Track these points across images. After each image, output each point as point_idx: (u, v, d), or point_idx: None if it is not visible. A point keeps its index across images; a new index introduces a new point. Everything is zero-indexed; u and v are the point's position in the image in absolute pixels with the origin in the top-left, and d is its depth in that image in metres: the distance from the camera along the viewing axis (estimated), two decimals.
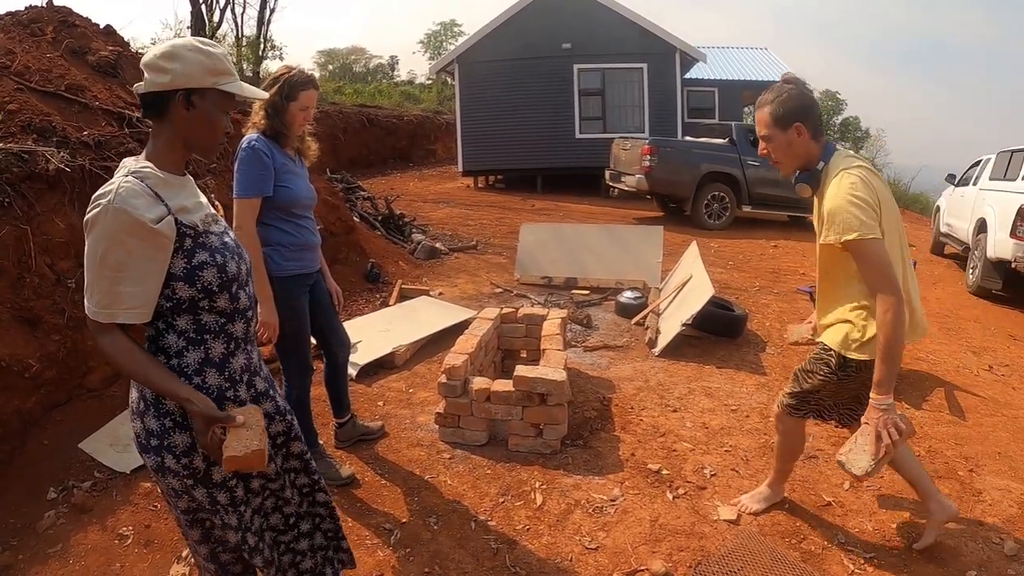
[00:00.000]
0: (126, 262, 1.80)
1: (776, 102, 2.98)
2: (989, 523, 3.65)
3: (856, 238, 2.77)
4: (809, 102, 3.01)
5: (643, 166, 13.33)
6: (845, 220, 2.79)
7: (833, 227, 2.84)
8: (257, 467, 1.93)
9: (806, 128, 2.97)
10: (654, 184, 13.50)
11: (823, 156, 3.02)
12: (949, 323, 7.91)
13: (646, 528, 3.51)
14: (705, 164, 13.55)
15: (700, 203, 13.60)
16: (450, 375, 4.27)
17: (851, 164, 2.93)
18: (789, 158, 3.05)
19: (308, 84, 3.47)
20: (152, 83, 1.90)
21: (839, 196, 2.83)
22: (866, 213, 2.79)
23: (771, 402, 5.03)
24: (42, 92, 5.35)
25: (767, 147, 3.08)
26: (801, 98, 2.98)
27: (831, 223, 2.85)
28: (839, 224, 2.81)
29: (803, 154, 3.03)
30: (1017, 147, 9.78)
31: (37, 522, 3.51)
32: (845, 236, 2.79)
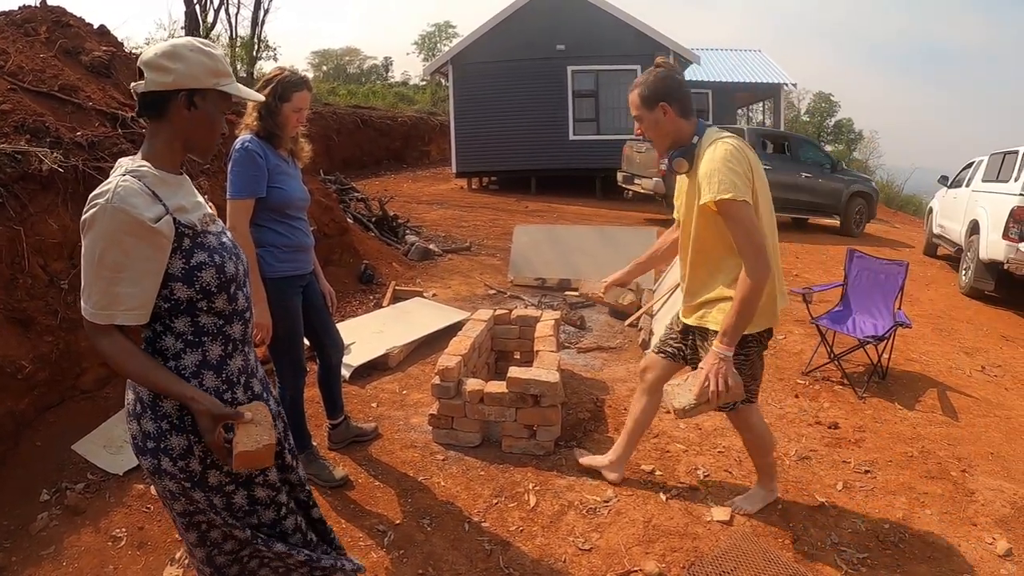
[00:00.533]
0: (124, 262, 1.79)
1: (643, 84, 3.15)
2: (982, 523, 3.67)
3: (730, 198, 2.88)
4: (674, 84, 3.14)
5: (660, 169, 13.14)
6: (721, 180, 2.91)
7: (709, 187, 2.94)
8: (267, 462, 1.92)
9: (671, 107, 3.11)
10: (671, 188, 13.09)
11: (696, 132, 3.15)
12: (942, 324, 7.94)
13: (639, 529, 3.52)
14: None
15: None
16: (443, 376, 4.27)
17: (723, 135, 3.10)
18: (659, 136, 3.20)
19: (301, 85, 3.47)
20: (154, 82, 1.88)
21: (715, 160, 2.97)
22: (740, 178, 2.93)
23: (765, 403, 5.07)
24: (35, 92, 5.33)
25: (640, 127, 3.23)
26: (667, 80, 3.12)
27: (707, 184, 2.96)
28: (715, 184, 2.92)
29: (672, 132, 3.16)
30: (1009, 149, 9.82)
31: (30, 524, 3.50)
32: (721, 195, 2.90)
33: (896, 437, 4.67)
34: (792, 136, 16.05)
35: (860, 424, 4.83)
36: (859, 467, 4.23)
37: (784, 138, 15.56)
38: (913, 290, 9.27)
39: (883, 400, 5.31)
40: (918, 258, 12.76)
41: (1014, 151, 9.57)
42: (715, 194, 2.92)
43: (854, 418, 4.94)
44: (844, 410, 5.08)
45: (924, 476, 4.16)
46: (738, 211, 2.91)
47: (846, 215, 14.78)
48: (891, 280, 5.87)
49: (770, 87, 24.41)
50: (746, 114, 30.41)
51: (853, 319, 5.98)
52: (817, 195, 14.52)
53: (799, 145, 15.31)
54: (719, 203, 2.93)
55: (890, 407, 5.19)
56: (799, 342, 6.65)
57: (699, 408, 3.03)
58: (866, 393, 5.39)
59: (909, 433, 4.74)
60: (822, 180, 14.56)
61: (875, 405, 5.21)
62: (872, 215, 15.60)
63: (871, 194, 15.39)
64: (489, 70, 19.16)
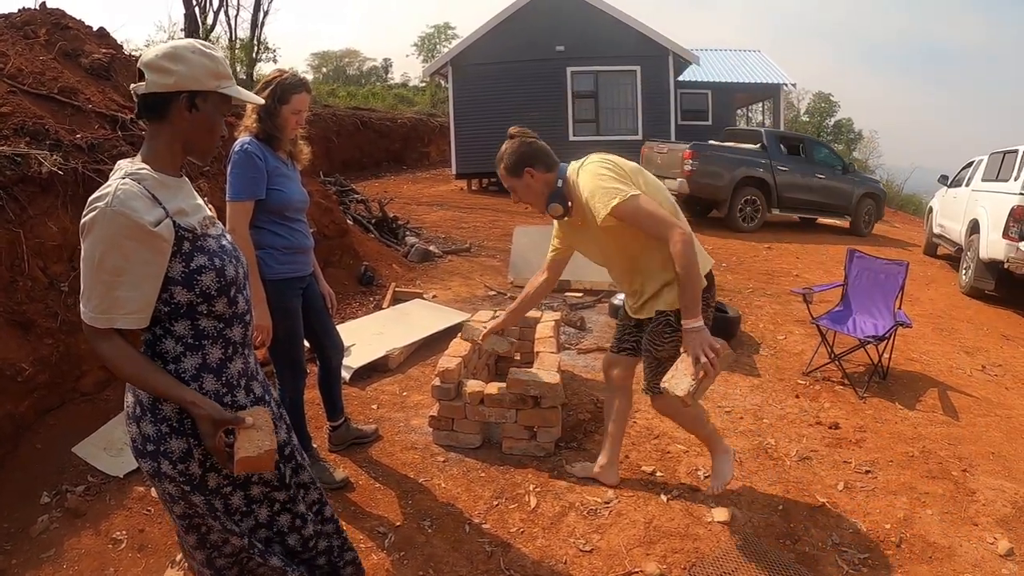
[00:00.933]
0: (124, 266, 1.78)
1: (505, 158, 3.34)
2: (983, 523, 3.66)
3: (619, 201, 3.04)
4: (531, 148, 3.33)
5: (684, 170, 13.55)
6: (603, 194, 3.09)
7: (598, 205, 3.10)
8: (268, 468, 1.92)
9: (535, 168, 3.31)
10: (695, 187, 13.69)
11: (558, 176, 3.34)
12: (942, 324, 7.94)
13: (640, 530, 3.51)
14: (741, 169, 13.89)
15: (735, 206, 13.97)
16: (444, 378, 4.26)
17: (583, 162, 3.33)
18: (534, 197, 3.39)
19: (300, 87, 3.46)
20: (155, 84, 1.87)
21: (588, 183, 3.18)
22: (617, 180, 3.12)
23: (765, 404, 5.06)
24: (35, 95, 5.33)
25: (515, 196, 3.46)
26: (523, 147, 3.32)
27: (594, 204, 3.12)
28: (600, 199, 3.10)
29: (543, 189, 3.35)
30: (1009, 148, 9.81)
31: (30, 527, 3.49)
32: (611, 203, 3.05)
33: (897, 437, 4.66)
34: (806, 138, 16.28)
35: (861, 424, 4.83)
36: (860, 467, 4.23)
37: (799, 140, 15.69)
38: (913, 290, 9.26)
39: (884, 400, 5.31)
40: (918, 258, 12.77)
41: (1014, 150, 9.57)
42: (606, 206, 3.07)
43: (855, 418, 4.93)
44: (845, 410, 5.08)
45: (925, 476, 4.16)
46: (633, 206, 3.06)
47: (856, 215, 14.99)
48: (891, 280, 5.87)
49: (770, 87, 24.36)
50: (745, 114, 30.37)
51: (853, 319, 5.97)
52: (830, 196, 14.75)
53: (812, 147, 15.52)
54: (614, 211, 3.06)
55: (891, 407, 5.19)
56: (799, 342, 6.64)
57: (703, 385, 3.08)
58: (867, 393, 5.38)
59: (910, 433, 4.74)
60: (835, 181, 14.79)
61: (876, 405, 5.20)
62: (880, 215, 15.82)
63: (879, 195, 15.58)
64: (488, 71, 19.14)
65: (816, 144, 16.08)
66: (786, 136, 16.19)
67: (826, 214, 15.19)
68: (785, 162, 14.37)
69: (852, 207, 14.89)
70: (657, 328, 3.37)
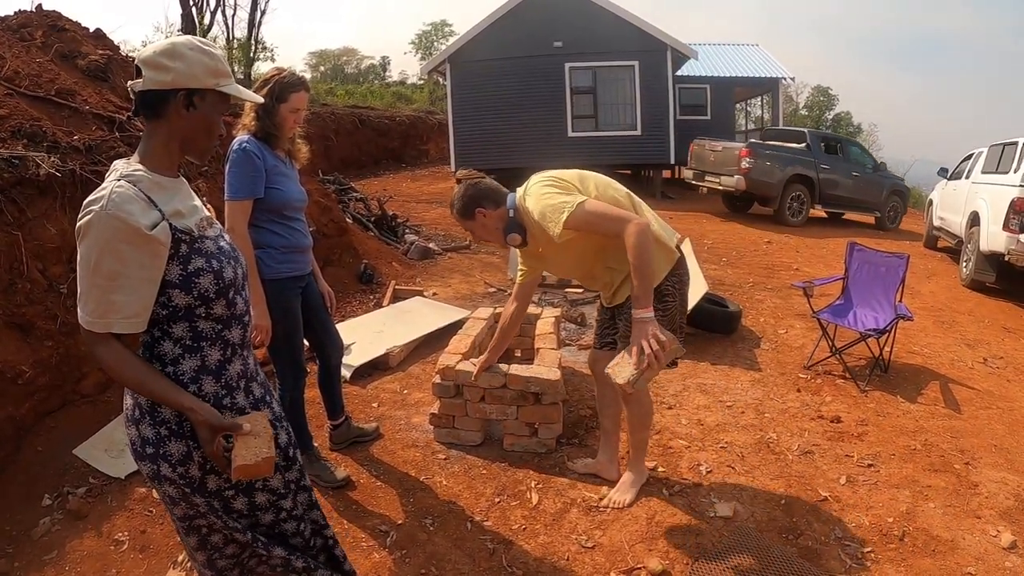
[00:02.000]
0: (120, 270, 1.75)
1: (457, 202, 3.46)
2: (986, 516, 3.66)
3: (569, 214, 3.12)
4: (476, 190, 3.43)
5: (741, 167, 14.38)
6: (552, 211, 3.17)
7: (551, 224, 3.17)
8: (266, 474, 1.90)
9: (485, 207, 3.42)
10: (751, 184, 14.53)
11: (509, 206, 3.44)
12: (943, 316, 7.93)
13: (642, 526, 3.51)
14: (790, 167, 14.75)
15: (784, 202, 14.81)
16: (444, 375, 4.26)
17: (526, 188, 3.43)
18: (490, 234, 3.51)
19: (299, 86, 3.45)
20: (152, 81, 1.85)
21: (536, 205, 3.26)
22: (562, 194, 3.21)
23: (767, 398, 5.06)
24: (32, 97, 5.33)
25: (473, 236, 3.60)
26: (469, 190, 3.43)
27: (547, 224, 3.20)
28: (551, 218, 3.17)
29: (499, 223, 3.46)
30: (1009, 140, 9.80)
31: (32, 529, 3.50)
32: (561, 219, 3.13)
33: (899, 430, 4.66)
34: (842, 139, 17.30)
35: (862, 418, 4.82)
36: (862, 461, 4.22)
37: (836, 140, 16.83)
38: (914, 283, 9.25)
39: (885, 393, 5.31)
40: (919, 250, 12.74)
41: (1014, 142, 9.56)
42: (557, 223, 3.15)
43: (856, 412, 4.93)
44: (846, 404, 5.07)
45: (927, 469, 4.15)
46: (582, 213, 3.14)
47: (883, 211, 15.84)
48: (892, 273, 5.86)
49: (768, 81, 24.29)
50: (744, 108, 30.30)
51: (854, 312, 5.97)
52: (863, 192, 15.61)
53: (848, 146, 16.50)
54: (568, 224, 3.14)
55: (892, 400, 5.18)
56: (800, 336, 6.64)
57: (645, 375, 3.15)
58: (868, 386, 5.38)
59: (912, 426, 4.74)
60: (867, 178, 15.71)
61: (877, 398, 5.20)
62: (904, 211, 16.57)
63: (904, 192, 16.46)
64: (487, 68, 19.10)
65: (851, 144, 16.88)
66: (825, 136, 17.30)
67: (858, 210, 15.83)
68: (826, 161, 15.27)
69: (881, 203, 15.65)
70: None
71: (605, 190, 3.36)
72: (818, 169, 15.00)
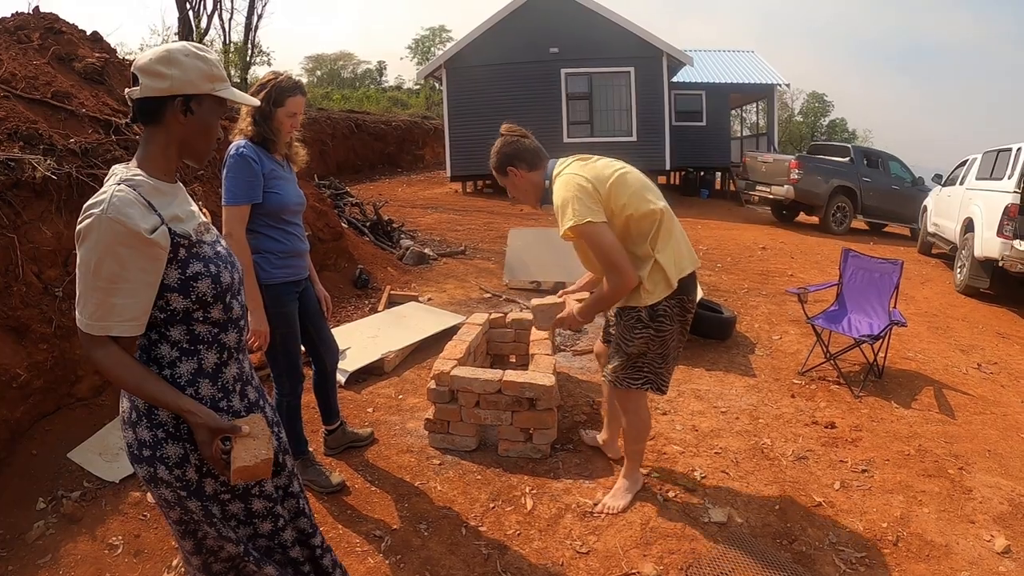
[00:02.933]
0: (120, 273, 1.76)
1: (493, 157, 3.56)
2: (980, 521, 3.67)
3: (574, 223, 3.16)
4: (515, 147, 3.51)
5: (791, 178, 15.43)
6: (565, 213, 3.21)
7: (563, 219, 3.23)
8: (264, 476, 1.90)
9: (518, 167, 3.49)
10: (799, 194, 15.55)
11: (546, 176, 3.51)
12: (937, 322, 7.95)
13: (637, 531, 3.51)
14: (835, 179, 15.70)
15: (829, 212, 15.76)
16: (439, 381, 4.26)
17: (562, 167, 3.45)
18: (522, 193, 3.60)
19: (295, 90, 3.46)
20: (149, 88, 1.86)
21: (557, 196, 3.30)
22: (582, 202, 3.19)
23: (761, 404, 5.07)
24: (28, 99, 5.32)
25: (509, 192, 3.66)
26: (505, 146, 3.52)
27: (561, 217, 3.26)
28: (567, 214, 3.20)
29: (531, 187, 3.54)
30: (1003, 147, 9.84)
31: (26, 532, 3.48)
32: (570, 222, 3.17)
33: (893, 436, 4.67)
34: (883, 154, 17.78)
35: (857, 423, 4.83)
36: (856, 466, 4.23)
37: (877, 155, 17.60)
38: (908, 288, 9.29)
39: (879, 399, 5.32)
40: (913, 256, 12.81)
41: (1007, 149, 9.60)
42: (567, 223, 3.20)
43: (851, 417, 4.94)
44: (840, 409, 5.08)
45: (921, 474, 4.16)
46: (590, 233, 3.19)
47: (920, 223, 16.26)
48: (886, 279, 5.88)
49: (763, 87, 24.37)
50: (740, 114, 30.38)
51: (849, 318, 5.98)
52: (902, 205, 16.36)
53: (888, 161, 17.26)
54: (573, 230, 3.20)
55: (886, 406, 5.19)
56: (795, 342, 6.65)
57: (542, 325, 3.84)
58: (862, 392, 5.39)
59: (906, 431, 4.75)
60: (905, 192, 16.59)
61: (871, 404, 5.21)
62: None
63: None
64: (483, 73, 19.15)
65: (891, 159, 17.41)
66: (868, 151, 18.15)
67: (898, 221, 16.51)
68: (868, 174, 16.27)
69: (918, 216, 15.85)
70: (628, 323, 3.46)
71: (638, 204, 3.30)
72: (860, 181, 15.87)
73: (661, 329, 3.41)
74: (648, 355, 3.47)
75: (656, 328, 3.39)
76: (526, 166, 3.48)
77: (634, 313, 3.41)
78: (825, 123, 44.19)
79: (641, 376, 3.52)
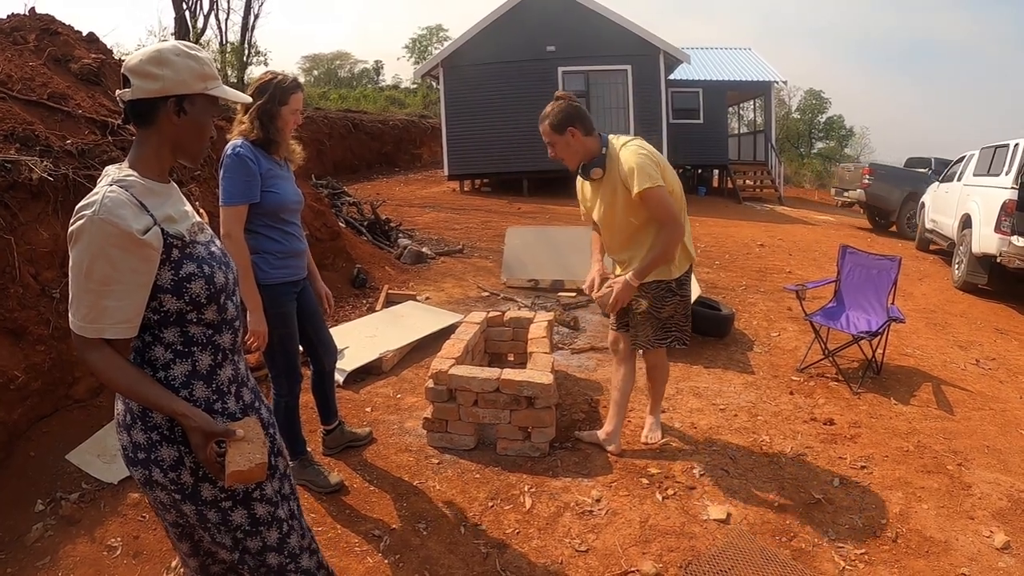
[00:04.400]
0: (112, 275, 1.74)
1: (552, 115, 3.85)
2: (979, 516, 3.67)
3: (651, 185, 3.69)
4: (577, 111, 3.85)
5: (862, 183, 16.76)
6: (640, 176, 3.70)
7: (637, 182, 3.70)
8: (259, 479, 1.88)
9: (578, 130, 3.83)
10: (870, 198, 16.78)
11: (603, 144, 3.90)
12: (936, 318, 7.95)
13: (636, 529, 3.51)
14: (906, 187, 16.36)
15: (903, 217, 16.48)
16: (437, 380, 4.26)
17: (625, 141, 3.89)
18: (570, 155, 3.92)
19: (296, 87, 3.47)
20: (141, 90, 1.84)
21: (631, 160, 3.75)
22: (653, 169, 3.74)
23: (760, 401, 5.07)
24: (24, 101, 5.31)
25: (553, 151, 3.94)
26: (570, 109, 3.84)
27: (632, 179, 3.72)
28: (639, 179, 3.70)
29: (582, 150, 3.89)
30: (1000, 143, 9.85)
31: (25, 535, 3.48)
32: (645, 184, 3.68)
33: (892, 432, 4.67)
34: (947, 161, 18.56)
35: (855, 420, 4.84)
36: (855, 463, 4.23)
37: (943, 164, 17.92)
38: (906, 285, 9.29)
39: (878, 395, 5.32)
40: (911, 253, 12.81)
41: (1005, 145, 9.61)
42: (641, 185, 3.69)
43: (849, 414, 4.94)
44: (839, 406, 5.08)
45: (920, 471, 4.16)
46: (658, 194, 3.73)
47: None
48: (884, 275, 5.88)
49: (760, 85, 24.36)
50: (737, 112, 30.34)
51: (847, 315, 5.99)
52: None
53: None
54: (645, 192, 3.70)
55: (885, 402, 5.20)
56: (793, 339, 6.66)
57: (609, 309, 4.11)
58: (861, 389, 5.39)
59: (905, 428, 4.75)
60: None
61: (870, 401, 5.21)
62: None
63: None
64: (480, 72, 19.14)
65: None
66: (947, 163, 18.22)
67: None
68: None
69: None
70: (659, 294, 4.01)
71: (674, 184, 3.92)
72: None
73: (684, 294, 4.08)
74: (675, 317, 4.08)
75: (681, 295, 4.07)
76: (583, 130, 3.84)
77: (665, 285, 4.00)
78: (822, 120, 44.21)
79: (669, 336, 4.11)
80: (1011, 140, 9.46)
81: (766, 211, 18.93)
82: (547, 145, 3.93)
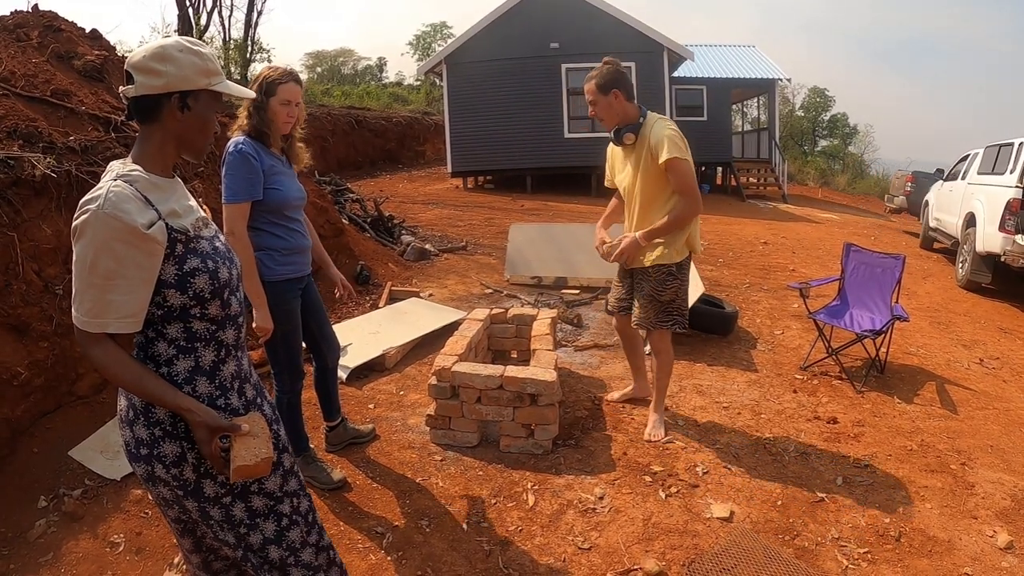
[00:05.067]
0: (116, 270, 1.74)
1: (599, 75, 4.11)
2: (982, 516, 3.67)
3: (679, 156, 3.97)
4: (622, 75, 4.13)
5: (904, 190, 17.47)
6: (670, 146, 3.96)
7: (667, 150, 3.95)
8: (264, 474, 1.89)
9: (621, 93, 4.11)
10: (911, 205, 16.97)
11: (642, 114, 4.16)
12: (939, 317, 7.94)
13: (639, 527, 3.51)
14: None
15: None
16: (440, 377, 4.26)
17: (663, 117, 4.16)
18: (610, 116, 4.17)
19: (287, 78, 3.42)
20: (145, 86, 1.83)
21: (664, 132, 4.02)
22: (683, 142, 4.05)
23: (763, 399, 5.06)
24: (28, 97, 5.31)
25: (594, 109, 4.17)
26: (616, 72, 4.11)
27: (661, 148, 3.98)
28: (668, 148, 3.96)
29: (621, 112, 4.15)
30: (1005, 141, 9.82)
31: (28, 531, 3.48)
32: (673, 154, 3.95)
33: (895, 431, 4.66)
34: None
35: (859, 418, 4.83)
36: (858, 461, 4.23)
37: None
38: (910, 283, 9.27)
39: (881, 394, 5.31)
40: (915, 251, 12.79)
41: (1009, 143, 9.59)
42: (670, 154, 3.94)
43: (853, 412, 4.93)
44: (842, 405, 5.08)
45: (924, 470, 4.16)
46: (684, 166, 4.00)
47: None
48: (888, 274, 5.86)
49: (764, 82, 24.31)
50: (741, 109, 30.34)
51: (850, 313, 5.97)
52: None
53: None
54: (672, 161, 3.95)
55: (889, 401, 5.19)
56: (797, 337, 6.65)
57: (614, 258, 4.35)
58: (864, 387, 5.38)
59: (908, 427, 4.74)
60: None
61: (873, 399, 5.20)
62: None
63: None
64: (483, 69, 19.13)
65: None
66: None
67: None
68: None
69: None
70: (660, 278, 4.24)
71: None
72: None
73: (684, 278, 4.28)
74: (676, 300, 4.29)
75: (681, 279, 4.27)
76: (626, 94, 4.13)
77: (666, 269, 4.22)
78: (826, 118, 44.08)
79: (671, 319, 4.31)
80: (1016, 139, 9.43)
81: (770, 209, 18.92)
82: (589, 104, 4.17)
